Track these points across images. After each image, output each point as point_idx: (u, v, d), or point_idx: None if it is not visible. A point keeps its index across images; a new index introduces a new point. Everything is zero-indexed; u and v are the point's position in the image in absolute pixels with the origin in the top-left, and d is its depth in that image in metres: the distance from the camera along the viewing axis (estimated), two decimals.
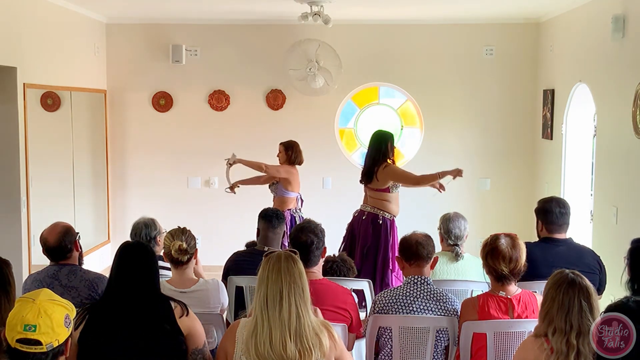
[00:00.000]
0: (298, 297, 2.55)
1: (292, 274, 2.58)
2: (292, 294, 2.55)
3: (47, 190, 6.59)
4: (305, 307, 2.57)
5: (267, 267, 2.61)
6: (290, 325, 2.52)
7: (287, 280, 2.56)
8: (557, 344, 2.58)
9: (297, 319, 2.53)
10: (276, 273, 2.58)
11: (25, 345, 2.19)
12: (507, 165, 8.00)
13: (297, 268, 2.61)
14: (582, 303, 2.60)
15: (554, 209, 4.11)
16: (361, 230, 5.55)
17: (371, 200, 5.57)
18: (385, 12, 7.42)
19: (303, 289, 2.57)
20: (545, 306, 2.66)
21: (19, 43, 5.85)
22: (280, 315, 2.52)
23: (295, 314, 2.53)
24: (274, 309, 2.53)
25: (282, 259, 2.61)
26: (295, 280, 2.57)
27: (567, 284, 2.63)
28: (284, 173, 6.23)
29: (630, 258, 3.12)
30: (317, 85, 7.50)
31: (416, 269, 3.50)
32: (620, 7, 5.48)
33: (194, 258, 3.66)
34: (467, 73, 7.92)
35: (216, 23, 7.91)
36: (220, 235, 7.83)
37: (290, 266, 2.59)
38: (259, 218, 4.44)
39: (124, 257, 2.92)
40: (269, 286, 2.57)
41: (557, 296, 2.63)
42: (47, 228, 3.70)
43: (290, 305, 2.53)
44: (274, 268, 2.59)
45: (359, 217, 5.62)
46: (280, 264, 2.59)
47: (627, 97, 5.22)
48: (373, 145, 5.59)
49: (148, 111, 8.04)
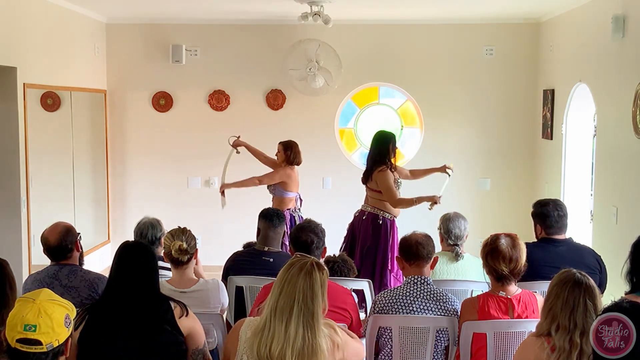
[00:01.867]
0: (306, 320, 2.49)
1: (306, 295, 2.49)
2: (301, 315, 2.48)
3: (47, 190, 6.59)
4: (313, 330, 2.49)
5: (287, 276, 2.54)
6: (294, 344, 2.47)
7: (299, 299, 2.49)
8: (560, 341, 2.57)
9: (302, 342, 2.47)
10: (291, 287, 2.51)
11: (25, 345, 2.19)
12: (507, 165, 8.00)
13: (313, 287, 2.51)
14: (587, 302, 2.59)
15: (552, 213, 4.10)
16: (361, 230, 5.56)
17: (371, 200, 5.58)
18: (385, 12, 7.42)
19: (313, 312, 2.49)
20: (548, 302, 2.66)
21: (19, 43, 5.85)
22: (287, 331, 2.47)
23: (300, 335, 2.47)
24: (281, 322, 2.48)
25: (302, 273, 2.53)
26: (307, 302, 2.49)
27: (573, 282, 2.63)
28: (278, 178, 6.18)
29: (634, 251, 3.12)
30: (317, 85, 7.50)
31: (416, 269, 3.50)
32: (620, 7, 5.48)
33: (194, 258, 3.66)
34: (467, 73, 7.92)
35: (216, 23, 7.91)
36: (220, 235, 7.84)
37: (307, 284, 2.50)
38: (260, 217, 4.44)
39: (124, 257, 2.92)
40: (281, 296, 2.51)
41: (562, 293, 2.62)
42: (48, 228, 3.70)
43: (297, 327, 2.47)
44: (291, 281, 2.52)
45: (359, 217, 5.63)
46: (297, 279, 2.52)
47: (627, 97, 5.22)
48: (374, 146, 5.60)
49: (148, 111, 8.04)
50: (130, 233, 4.55)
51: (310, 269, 2.54)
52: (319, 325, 2.51)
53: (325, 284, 2.58)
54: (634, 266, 2.91)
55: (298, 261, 2.58)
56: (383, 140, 5.57)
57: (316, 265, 2.57)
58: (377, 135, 5.66)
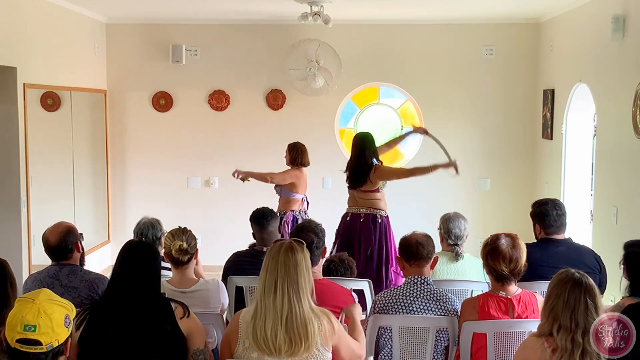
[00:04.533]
0: (291, 288, 2.66)
1: (287, 265, 2.68)
2: (285, 284, 2.66)
3: (47, 190, 6.59)
4: (299, 297, 2.66)
5: (269, 257, 2.73)
6: (282, 314, 2.63)
7: (282, 271, 2.67)
8: (562, 341, 2.57)
9: (289, 309, 2.63)
10: (274, 263, 2.70)
11: (25, 345, 2.19)
12: (507, 165, 8.00)
13: (294, 259, 2.70)
14: (588, 302, 2.59)
15: (551, 212, 4.10)
16: (362, 233, 5.56)
17: (363, 201, 5.60)
18: (385, 12, 7.42)
19: (297, 280, 2.67)
20: (549, 303, 2.65)
21: (19, 43, 5.85)
22: (274, 304, 2.64)
23: (287, 304, 2.64)
24: (269, 298, 2.66)
25: (281, 249, 2.72)
26: (289, 271, 2.67)
27: (573, 282, 2.63)
28: (289, 179, 6.26)
29: (627, 263, 3.13)
30: (317, 85, 7.50)
31: (416, 269, 3.50)
32: (620, 7, 5.48)
33: (195, 258, 3.66)
34: (467, 73, 7.92)
35: (216, 23, 7.91)
36: (220, 235, 7.83)
37: (288, 257, 2.69)
38: (250, 221, 4.46)
39: (129, 257, 2.92)
40: (267, 275, 2.70)
41: (562, 294, 2.61)
42: (50, 227, 3.70)
43: (283, 296, 2.64)
44: (273, 258, 2.71)
45: (354, 220, 5.62)
46: (278, 255, 2.71)
47: (627, 97, 5.22)
48: (357, 149, 5.65)
49: (148, 111, 8.04)
50: (130, 233, 4.55)
51: (289, 245, 2.75)
52: (304, 294, 2.68)
53: (307, 259, 2.76)
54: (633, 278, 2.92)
55: (277, 242, 2.80)
56: (364, 142, 5.63)
57: (295, 242, 2.79)
58: (357, 138, 5.73)
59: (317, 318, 2.69)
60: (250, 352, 2.69)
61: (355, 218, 5.61)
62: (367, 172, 5.52)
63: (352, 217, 5.63)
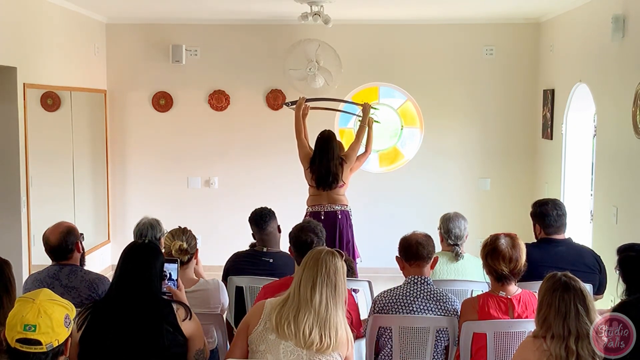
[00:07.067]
0: (329, 291, 2.72)
1: (328, 267, 2.74)
2: (324, 285, 2.72)
3: (47, 190, 6.59)
4: (335, 302, 2.72)
5: (309, 256, 2.80)
6: (319, 312, 2.68)
7: (322, 271, 2.73)
8: (555, 349, 2.57)
9: (326, 310, 2.69)
10: (314, 262, 2.76)
11: (25, 345, 2.19)
12: (507, 165, 8.00)
13: (335, 264, 2.76)
14: (579, 307, 2.59)
15: (551, 212, 4.11)
16: (343, 229, 5.78)
17: (335, 197, 5.82)
18: (385, 12, 7.42)
19: (335, 285, 2.73)
20: (541, 313, 2.66)
21: (19, 43, 5.85)
22: (313, 300, 2.69)
23: (324, 304, 2.69)
24: (306, 293, 2.71)
25: (323, 252, 2.80)
26: (329, 273, 2.73)
27: (561, 288, 2.63)
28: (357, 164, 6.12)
29: (622, 268, 3.14)
30: (317, 85, 7.49)
31: (416, 269, 3.50)
32: (620, 7, 5.48)
33: (195, 258, 3.66)
34: (467, 73, 7.92)
35: (216, 23, 7.91)
36: (220, 235, 7.83)
37: (329, 260, 2.76)
38: (249, 222, 4.46)
39: (131, 257, 2.91)
40: (305, 272, 2.76)
41: (553, 302, 2.62)
42: (50, 227, 3.70)
43: (321, 295, 2.70)
44: (314, 257, 2.78)
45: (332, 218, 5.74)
46: (319, 255, 2.78)
47: (627, 97, 5.22)
48: (326, 148, 5.79)
49: (148, 111, 8.04)
50: (130, 233, 4.55)
51: (331, 251, 2.82)
52: (341, 300, 2.75)
53: (345, 270, 2.81)
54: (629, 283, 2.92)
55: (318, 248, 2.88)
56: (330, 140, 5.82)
57: (336, 251, 2.85)
58: (322, 138, 5.85)
59: (343, 326, 2.76)
60: (269, 334, 2.72)
61: (332, 216, 5.77)
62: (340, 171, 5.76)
63: (327, 215, 5.77)
